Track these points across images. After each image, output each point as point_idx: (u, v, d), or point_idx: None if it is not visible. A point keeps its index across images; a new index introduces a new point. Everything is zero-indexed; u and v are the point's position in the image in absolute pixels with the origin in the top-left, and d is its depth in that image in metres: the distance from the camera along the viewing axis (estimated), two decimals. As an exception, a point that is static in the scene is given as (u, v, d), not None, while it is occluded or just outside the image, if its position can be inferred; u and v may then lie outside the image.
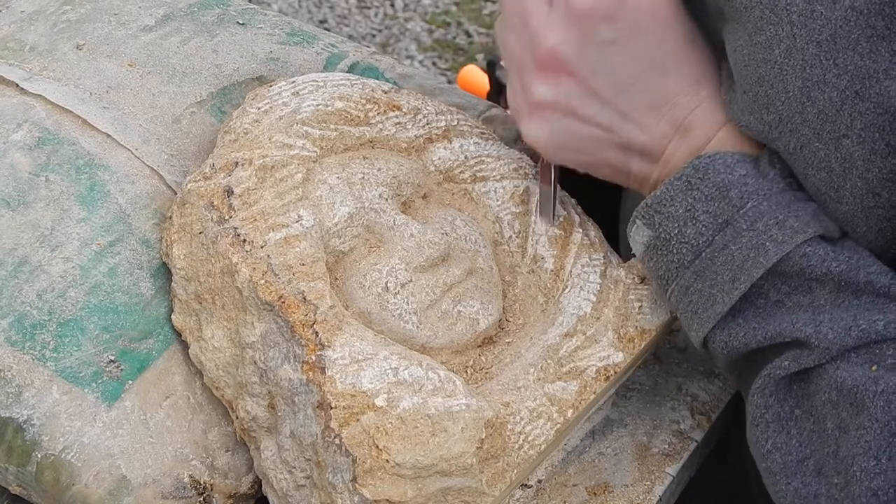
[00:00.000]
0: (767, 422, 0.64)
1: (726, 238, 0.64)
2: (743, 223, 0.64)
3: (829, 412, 0.61)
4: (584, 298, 0.75)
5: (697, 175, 0.66)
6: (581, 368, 0.72)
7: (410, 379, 0.65)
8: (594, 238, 0.78)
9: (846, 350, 0.61)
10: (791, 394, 0.64)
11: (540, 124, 0.70)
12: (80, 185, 0.75)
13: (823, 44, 0.60)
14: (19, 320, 0.70)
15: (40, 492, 0.69)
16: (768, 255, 0.63)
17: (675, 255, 0.67)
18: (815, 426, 0.62)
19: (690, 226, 0.66)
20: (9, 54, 0.83)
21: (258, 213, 0.70)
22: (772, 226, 0.63)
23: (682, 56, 0.68)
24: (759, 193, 0.64)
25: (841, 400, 0.61)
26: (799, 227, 0.63)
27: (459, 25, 2.98)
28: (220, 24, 0.89)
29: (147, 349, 0.71)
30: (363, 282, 0.71)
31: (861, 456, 0.59)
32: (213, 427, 0.72)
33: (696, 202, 0.65)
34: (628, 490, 0.76)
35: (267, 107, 0.76)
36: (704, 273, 0.65)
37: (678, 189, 0.66)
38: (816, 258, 0.62)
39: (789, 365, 0.63)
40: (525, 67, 0.70)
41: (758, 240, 0.63)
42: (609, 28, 0.66)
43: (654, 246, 0.68)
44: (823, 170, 0.63)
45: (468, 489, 0.66)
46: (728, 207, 0.64)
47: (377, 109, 0.78)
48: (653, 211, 0.68)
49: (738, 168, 0.65)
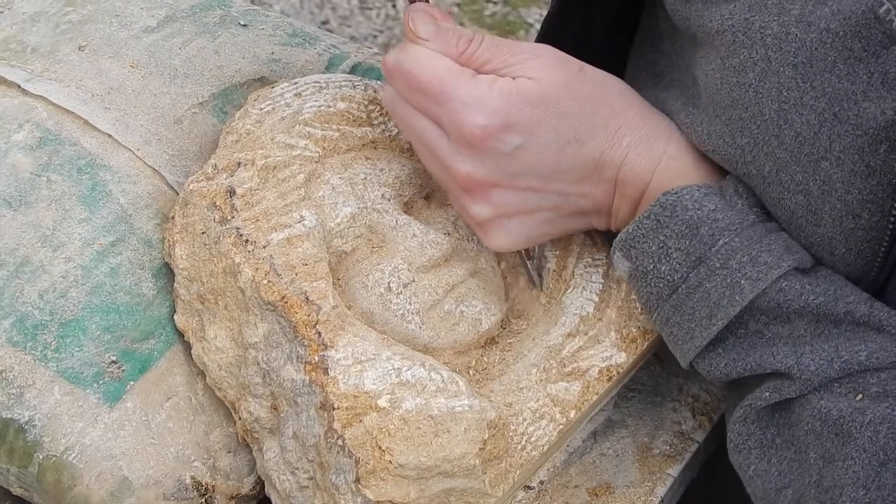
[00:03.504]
0: (750, 448, 0.64)
1: (700, 276, 0.64)
2: (716, 261, 0.63)
3: (811, 442, 0.61)
4: (586, 298, 0.75)
5: (665, 213, 0.65)
6: (583, 369, 0.72)
7: (413, 379, 0.65)
8: (596, 238, 0.78)
9: (829, 381, 0.61)
10: (773, 422, 0.64)
11: (496, 235, 0.71)
12: (82, 186, 0.75)
13: (799, 66, 0.60)
14: (21, 320, 0.70)
15: (42, 493, 0.69)
16: (744, 293, 0.62)
17: (654, 287, 0.67)
18: (796, 455, 0.62)
19: (664, 262, 0.65)
20: (10, 55, 0.83)
21: (260, 214, 0.70)
22: (745, 263, 0.62)
23: (589, 119, 0.67)
24: (730, 229, 0.63)
25: (825, 430, 0.60)
26: (773, 263, 0.62)
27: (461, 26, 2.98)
28: (222, 25, 0.89)
29: (149, 350, 0.71)
30: (366, 282, 0.71)
31: (850, 486, 0.58)
32: (215, 428, 0.72)
33: (668, 240, 0.65)
34: (630, 491, 0.76)
35: (269, 107, 0.76)
36: (682, 308, 0.65)
37: (649, 228, 0.66)
38: (793, 292, 0.62)
39: (770, 395, 0.63)
40: (453, 192, 0.71)
41: (732, 278, 0.63)
42: (509, 136, 0.66)
43: (635, 276, 0.68)
44: (801, 193, 0.62)
45: (471, 490, 0.66)
46: (700, 245, 0.64)
47: (380, 110, 0.78)
48: (628, 245, 0.67)
49: (706, 203, 0.64)
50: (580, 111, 0.67)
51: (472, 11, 3.02)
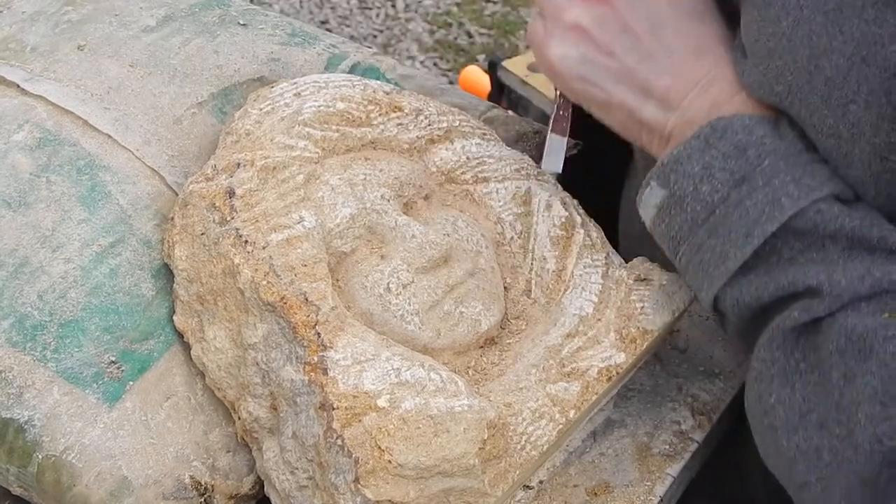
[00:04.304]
0: (773, 376, 0.64)
1: (742, 194, 0.65)
2: (760, 179, 0.64)
3: (835, 361, 0.61)
4: (585, 299, 0.75)
5: (715, 135, 0.66)
6: (583, 369, 0.72)
7: (412, 380, 0.65)
8: (596, 239, 0.78)
9: (858, 299, 0.61)
10: (798, 347, 0.64)
11: (570, 46, 0.72)
12: (81, 186, 0.75)
13: (830, 13, 0.61)
14: (20, 321, 0.70)
15: (41, 493, 0.69)
16: (783, 209, 0.63)
17: (689, 213, 0.67)
18: (819, 378, 0.62)
19: (706, 183, 0.66)
20: (10, 55, 0.83)
21: (260, 215, 0.70)
22: (788, 182, 0.64)
23: (716, 13, 0.70)
24: (776, 152, 0.65)
25: (849, 347, 0.60)
26: (815, 186, 0.63)
27: (461, 26, 2.98)
28: (222, 24, 0.89)
29: (148, 350, 0.71)
30: (365, 283, 0.71)
31: (866, 402, 0.58)
32: (215, 428, 0.72)
33: (714, 160, 0.66)
34: (629, 490, 0.76)
35: (269, 108, 0.76)
36: (717, 229, 0.66)
37: (696, 148, 0.67)
38: (830, 214, 0.63)
39: (799, 315, 0.63)
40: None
41: (774, 195, 0.64)
42: None
43: (667, 206, 0.68)
44: (832, 136, 0.63)
45: (470, 490, 0.66)
46: (745, 164, 0.65)
47: (379, 110, 0.78)
48: (668, 170, 0.68)
49: (757, 129, 0.66)
50: (713, 8, 0.71)
51: (472, 11, 3.02)
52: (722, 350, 0.87)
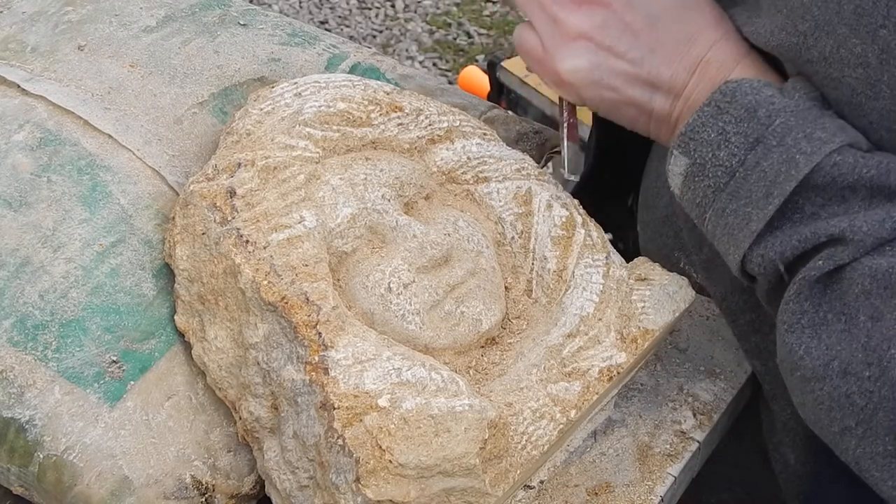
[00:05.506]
0: (803, 327, 0.64)
1: (757, 156, 0.65)
2: (773, 139, 0.65)
3: (862, 304, 0.62)
4: (586, 299, 0.75)
5: (725, 99, 0.67)
6: (584, 369, 0.72)
7: (413, 379, 0.65)
8: (596, 239, 0.78)
9: (881, 242, 0.62)
10: (825, 298, 0.64)
11: (579, 56, 0.73)
12: (82, 186, 0.75)
13: None
14: (21, 321, 0.70)
15: (42, 492, 0.69)
16: (799, 167, 0.64)
17: (711, 178, 0.68)
18: (846, 325, 0.63)
19: (723, 148, 0.67)
20: (10, 55, 0.83)
21: (261, 214, 0.70)
22: (800, 139, 0.64)
23: None
24: (786, 110, 0.65)
25: (875, 287, 0.61)
26: (826, 138, 0.64)
27: (460, 26, 2.98)
28: (222, 24, 0.89)
29: (149, 350, 0.71)
30: (366, 282, 0.71)
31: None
32: (215, 428, 0.72)
33: (727, 125, 0.67)
34: (629, 490, 0.76)
35: (269, 108, 0.76)
36: (739, 193, 0.66)
37: (709, 115, 0.68)
38: (846, 166, 0.63)
39: (824, 264, 0.63)
40: (558, 2, 0.73)
41: (787, 154, 0.64)
42: None
43: (691, 173, 0.69)
44: (860, 66, 0.64)
45: (471, 489, 0.66)
46: (757, 126, 0.66)
47: (379, 110, 0.78)
48: (687, 139, 0.69)
49: (764, 90, 0.67)
50: None
51: (472, 11, 3.02)
52: (722, 350, 0.87)
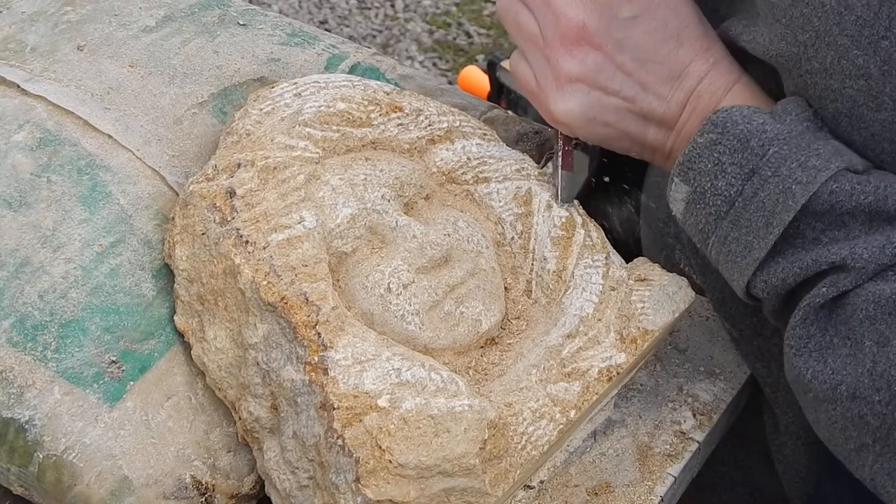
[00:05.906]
0: (810, 351, 0.65)
1: (754, 186, 0.66)
2: (767, 170, 0.65)
3: (867, 329, 0.62)
4: (586, 299, 0.75)
5: (717, 129, 0.68)
6: (583, 369, 0.72)
7: (413, 380, 0.65)
8: (596, 239, 0.78)
9: (882, 268, 0.62)
10: (830, 323, 0.64)
11: (572, 97, 0.74)
12: (82, 186, 0.75)
13: None
14: (21, 321, 0.70)
15: (42, 492, 0.69)
16: (796, 198, 0.64)
17: (711, 207, 0.68)
18: (851, 350, 0.63)
19: (721, 178, 0.67)
20: (10, 55, 0.83)
21: (260, 215, 0.70)
22: (795, 169, 0.64)
23: (693, 25, 0.72)
24: (779, 138, 0.66)
25: (879, 314, 0.61)
26: (821, 165, 0.64)
27: (460, 26, 2.98)
28: (221, 24, 0.89)
29: (149, 350, 0.71)
30: (365, 283, 0.71)
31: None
32: (215, 428, 0.72)
33: (722, 155, 0.67)
34: (629, 490, 0.76)
35: (269, 108, 0.76)
36: (739, 221, 0.67)
37: (703, 146, 0.68)
38: (843, 194, 0.63)
39: (827, 291, 0.64)
40: (550, 45, 0.73)
41: (784, 185, 0.64)
42: (630, 5, 0.71)
43: (693, 201, 0.69)
44: (862, 77, 0.64)
45: (471, 490, 0.66)
46: (751, 157, 0.66)
47: (379, 111, 0.78)
48: (686, 168, 0.69)
49: (755, 118, 0.67)
50: (688, 16, 0.73)
51: (471, 11, 3.02)
52: (722, 350, 0.87)
